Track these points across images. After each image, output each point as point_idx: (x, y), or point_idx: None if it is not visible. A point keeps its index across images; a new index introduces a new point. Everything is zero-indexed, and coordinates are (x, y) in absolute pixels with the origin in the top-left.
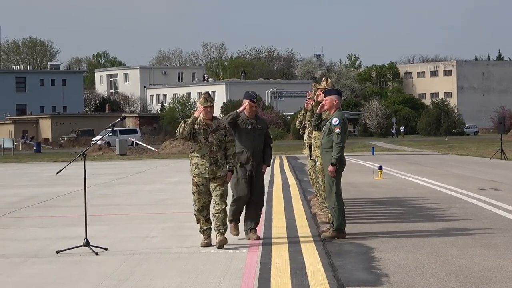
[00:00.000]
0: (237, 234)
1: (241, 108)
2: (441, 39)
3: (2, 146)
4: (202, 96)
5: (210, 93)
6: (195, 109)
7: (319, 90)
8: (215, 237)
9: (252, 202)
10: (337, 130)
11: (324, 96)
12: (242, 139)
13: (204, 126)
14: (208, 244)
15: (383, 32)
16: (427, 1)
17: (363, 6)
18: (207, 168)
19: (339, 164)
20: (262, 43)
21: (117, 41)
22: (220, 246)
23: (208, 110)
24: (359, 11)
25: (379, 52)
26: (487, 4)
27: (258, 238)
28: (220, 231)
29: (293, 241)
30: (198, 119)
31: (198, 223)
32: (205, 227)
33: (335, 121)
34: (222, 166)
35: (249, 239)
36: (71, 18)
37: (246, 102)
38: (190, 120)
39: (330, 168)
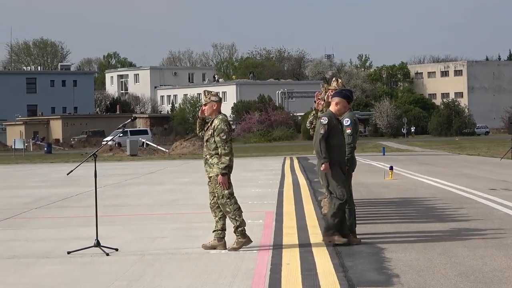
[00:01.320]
0: (346, 241)
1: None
2: (451, 39)
3: (13, 147)
4: None
5: (221, 93)
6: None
7: (330, 90)
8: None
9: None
10: (349, 131)
11: None
12: (336, 139)
13: (208, 125)
14: (207, 247)
15: (393, 32)
16: (437, 1)
17: (373, 6)
18: (204, 168)
19: (350, 164)
20: (273, 44)
21: (128, 41)
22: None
23: (203, 108)
24: (370, 11)
25: (389, 52)
26: (497, 4)
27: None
28: (217, 236)
29: (304, 242)
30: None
31: None
32: (214, 228)
33: (347, 121)
34: (211, 166)
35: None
36: (81, 19)
37: (340, 102)
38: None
39: None
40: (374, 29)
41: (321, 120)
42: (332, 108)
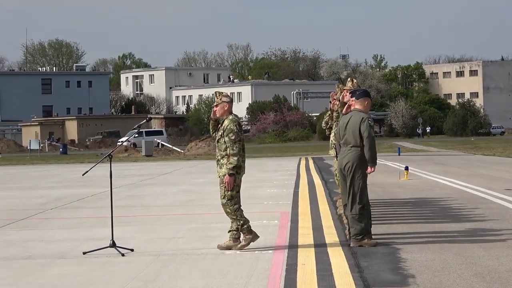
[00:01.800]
0: (376, 244)
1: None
2: (467, 39)
3: (28, 148)
4: None
5: (236, 94)
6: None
7: (345, 90)
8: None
9: None
10: None
11: (351, 97)
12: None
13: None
14: (223, 247)
15: (408, 32)
16: (453, 1)
17: (388, 6)
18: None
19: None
20: (288, 44)
21: (143, 42)
22: (225, 248)
23: (215, 109)
24: (385, 11)
25: (404, 52)
26: None
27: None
28: (232, 236)
29: (319, 242)
30: None
31: None
32: (229, 228)
33: None
34: (221, 166)
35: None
36: (96, 20)
37: (369, 102)
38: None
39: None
40: (389, 29)
41: (369, 122)
42: (362, 108)
